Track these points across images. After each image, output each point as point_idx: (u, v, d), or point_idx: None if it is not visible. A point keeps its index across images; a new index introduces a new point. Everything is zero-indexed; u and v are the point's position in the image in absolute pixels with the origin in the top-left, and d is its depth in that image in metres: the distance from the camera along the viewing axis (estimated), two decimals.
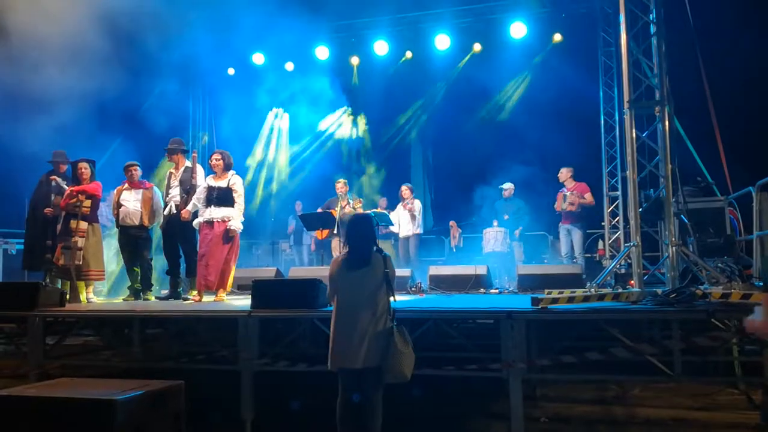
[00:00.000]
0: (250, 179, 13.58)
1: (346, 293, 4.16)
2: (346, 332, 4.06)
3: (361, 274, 4.14)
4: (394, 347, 4.01)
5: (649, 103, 6.68)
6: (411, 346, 4.12)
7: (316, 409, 5.50)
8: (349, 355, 4.03)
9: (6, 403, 3.69)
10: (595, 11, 11.66)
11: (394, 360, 3.99)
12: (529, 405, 5.12)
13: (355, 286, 4.13)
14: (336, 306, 4.21)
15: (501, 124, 12.51)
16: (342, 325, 4.11)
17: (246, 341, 5.23)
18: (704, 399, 5.46)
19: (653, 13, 6.77)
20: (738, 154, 8.16)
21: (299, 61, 13.01)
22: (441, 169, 14.16)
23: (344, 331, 4.08)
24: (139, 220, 7.51)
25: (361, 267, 4.15)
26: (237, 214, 6.97)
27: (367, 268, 4.15)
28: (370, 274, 4.14)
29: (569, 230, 9.79)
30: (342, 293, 4.18)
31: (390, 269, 4.17)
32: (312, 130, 13.97)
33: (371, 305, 4.08)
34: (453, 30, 12.01)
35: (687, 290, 4.92)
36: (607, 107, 11.57)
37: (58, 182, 7.54)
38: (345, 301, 4.15)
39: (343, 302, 4.16)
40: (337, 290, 4.22)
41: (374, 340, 4.03)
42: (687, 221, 6.60)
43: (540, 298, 4.94)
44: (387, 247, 11.06)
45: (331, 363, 4.13)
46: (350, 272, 4.16)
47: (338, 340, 4.10)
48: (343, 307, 4.15)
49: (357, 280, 4.13)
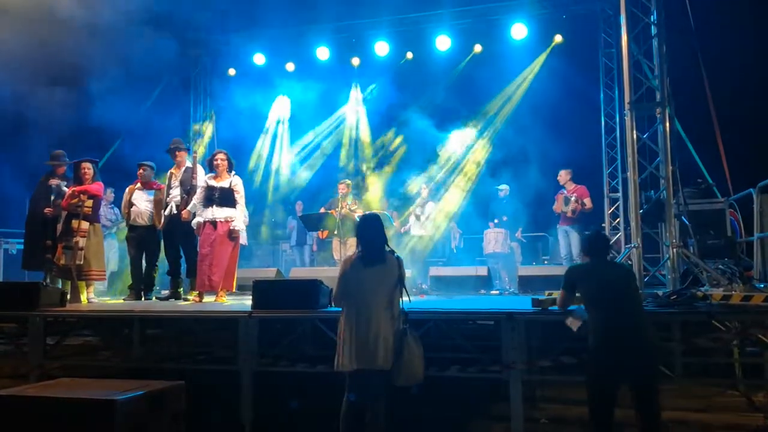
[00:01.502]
0: (258, 180, 13.58)
1: (360, 292, 4.06)
2: (362, 332, 3.97)
3: (375, 272, 4.07)
4: (408, 349, 3.97)
5: (650, 105, 6.69)
6: (422, 348, 4.09)
7: (317, 410, 5.50)
8: (365, 355, 3.94)
9: (6, 403, 3.69)
10: (596, 12, 11.65)
11: (410, 362, 3.95)
12: (529, 406, 5.11)
13: (371, 283, 4.05)
14: (348, 306, 4.11)
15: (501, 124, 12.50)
16: (357, 325, 3.99)
17: (246, 342, 5.23)
18: (705, 401, 5.45)
19: (654, 14, 6.78)
20: (739, 155, 8.16)
21: (300, 62, 13.01)
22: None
23: (360, 331, 3.97)
24: (150, 221, 7.54)
25: (376, 264, 4.09)
26: (240, 215, 6.99)
27: (381, 266, 4.09)
28: (385, 272, 4.08)
29: (567, 231, 9.78)
30: (356, 292, 4.08)
31: (403, 271, 4.14)
32: (313, 130, 13.96)
33: (388, 306, 4.03)
34: (453, 31, 12.01)
35: (688, 292, 4.92)
36: (607, 108, 11.57)
37: (58, 186, 7.51)
38: (360, 300, 4.05)
39: (358, 301, 4.05)
40: (348, 290, 4.12)
41: (389, 342, 3.98)
42: (688, 223, 6.60)
43: (540, 300, 4.94)
44: None
45: (344, 363, 4.00)
46: (365, 270, 4.08)
47: (353, 340, 3.99)
48: (358, 306, 4.04)
49: (372, 279, 4.06)
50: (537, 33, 11.70)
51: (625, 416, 3.87)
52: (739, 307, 4.59)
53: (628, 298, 3.90)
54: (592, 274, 4.02)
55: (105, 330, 6.31)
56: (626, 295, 3.90)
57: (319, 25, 12.25)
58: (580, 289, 4.05)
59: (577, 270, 4.19)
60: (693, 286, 5.47)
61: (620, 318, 3.76)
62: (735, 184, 7.63)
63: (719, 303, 4.70)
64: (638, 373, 3.67)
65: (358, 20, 12.10)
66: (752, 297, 4.59)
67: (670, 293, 5.05)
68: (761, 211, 6.44)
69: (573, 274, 4.16)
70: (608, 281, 3.94)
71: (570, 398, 5.65)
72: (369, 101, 13.56)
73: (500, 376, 4.72)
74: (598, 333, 3.75)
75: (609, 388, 3.71)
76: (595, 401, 3.76)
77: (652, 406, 3.71)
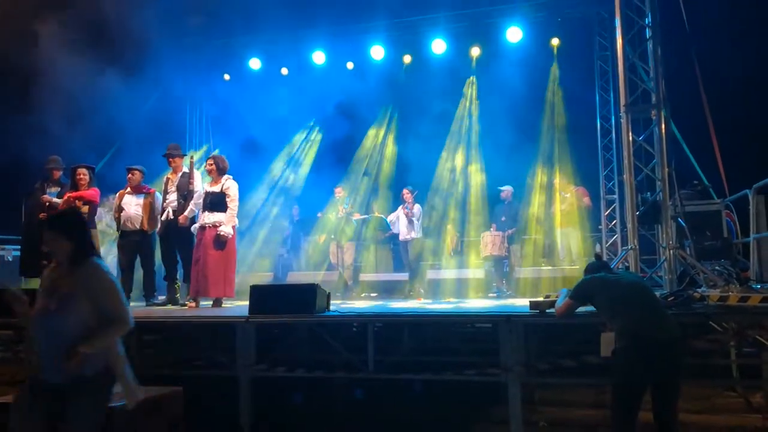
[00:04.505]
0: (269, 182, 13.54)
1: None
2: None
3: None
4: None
5: (646, 107, 6.72)
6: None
7: (315, 415, 5.49)
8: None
9: (3, 410, 3.67)
10: (591, 16, 11.67)
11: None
12: (527, 409, 5.11)
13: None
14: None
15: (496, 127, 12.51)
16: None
17: (244, 347, 5.22)
18: (702, 402, 5.45)
19: (649, 17, 6.81)
20: (734, 157, 8.18)
21: (295, 66, 13.00)
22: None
23: None
24: (140, 225, 7.50)
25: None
26: (228, 219, 6.92)
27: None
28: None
29: (566, 233, 9.82)
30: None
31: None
32: (308, 134, 13.95)
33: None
34: (449, 35, 12.03)
35: (684, 293, 4.93)
36: (603, 111, 11.59)
37: (50, 201, 7.46)
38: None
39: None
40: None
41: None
42: (684, 224, 6.61)
43: (538, 302, 4.94)
44: (385, 252, 11.08)
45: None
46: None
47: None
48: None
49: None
50: (532, 36, 11.73)
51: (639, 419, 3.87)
52: (736, 308, 4.60)
53: (649, 297, 3.96)
54: (608, 283, 4.03)
55: None
56: (647, 293, 3.97)
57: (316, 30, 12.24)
58: (599, 300, 4.03)
59: (591, 282, 4.14)
60: (690, 287, 5.48)
61: (649, 316, 3.80)
62: (731, 185, 7.65)
63: (716, 304, 4.71)
64: (668, 368, 3.69)
65: (354, 24, 12.11)
66: (749, 298, 4.61)
67: (667, 295, 5.06)
68: (757, 212, 6.46)
69: (589, 287, 4.13)
70: (627, 285, 3.98)
71: (569, 401, 5.66)
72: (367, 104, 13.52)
73: (499, 379, 4.72)
74: (629, 335, 3.75)
75: (639, 387, 3.72)
76: (624, 402, 3.75)
77: (673, 405, 3.74)
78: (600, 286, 4.06)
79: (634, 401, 3.70)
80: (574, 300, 4.21)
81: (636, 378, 3.69)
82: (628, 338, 3.74)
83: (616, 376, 3.81)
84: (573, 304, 4.23)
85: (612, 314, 3.94)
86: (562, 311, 4.31)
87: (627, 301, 3.89)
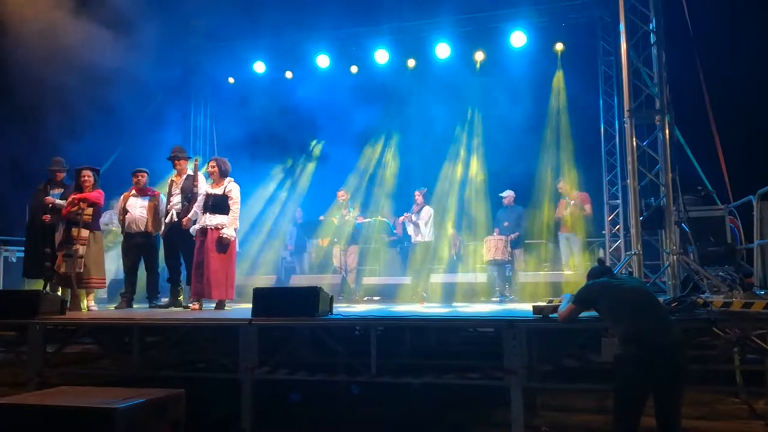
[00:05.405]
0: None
1: None
2: None
3: None
4: None
5: (650, 113, 6.71)
6: None
7: (316, 417, 5.49)
8: None
9: (5, 411, 3.68)
10: (595, 20, 11.70)
11: None
12: (529, 414, 5.10)
13: None
14: None
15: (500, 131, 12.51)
16: None
17: (246, 350, 5.22)
18: (705, 408, 5.44)
19: (653, 22, 6.81)
20: (738, 162, 8.16)
21: (299, 70, 13.04)
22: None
23: None
24: (144, 227, 7.52)
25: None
26: (230, 222, 6.93)
27: None
28: None
29: (568, 238, 9.81)
30: None
31: None
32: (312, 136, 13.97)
33: None
34: (453, 39, 12.05)
35: (688, 299, 4.91)
36: (607, 116, 11.60)
37: (53, 203, 7.47)
38: None
39: None
40: None
41: None
42: (688, 230, 6.60)
43: (541, 307, 4.94)
44: (389, 255, 11.09)
45: None
46: None
47: None
48: None
49: None
50: (536, 41, 11.74)
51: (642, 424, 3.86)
52: (740, 314, 4.58)
53: (652, 302, 3.95)
54: (611, 288, 4.01)
55: (105, 338, 6.30)
56: (650, 299, 3.96)
57: (319, 33, 12.28)
58: (603, 304, 4.02)
59: (594, 287, 4.12)
60: (693, 293, 5.45)
61: (652, 321, 3.78)
62: (735, 191, 7.64)
63: (720, 310, 4.69)
64: (671, 374, 3.67)
65: (357, 28, 12.15)
66: (753, 304, 4.59)
67: (670, 300, 5.05)
68: (761, 218, 6.45)
69: (592, 292, 4.12)
70: (630, 290, 3.96)
71: (571, 406, 5.65)
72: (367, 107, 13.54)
73: (501, 383, 4.71)
74: (632, 339, 3.74)
75: (642, 393, 3.70)
76: (626, 408, 3.74)
77: (676, 411, 3.72)
78: (603, 291, 4.05)
79: (637, 406, 3.69)
80: (577, 305, 4.21)
81: (638, 383, 3.68)
82: (631, 343, 3.73)
83: (619, 381, 3.80)
84: (576, 309, 4.23)
85: (615, 319, 3.93)
86: (564, 316, 4.31)
87: (630, 306, 3.88)
